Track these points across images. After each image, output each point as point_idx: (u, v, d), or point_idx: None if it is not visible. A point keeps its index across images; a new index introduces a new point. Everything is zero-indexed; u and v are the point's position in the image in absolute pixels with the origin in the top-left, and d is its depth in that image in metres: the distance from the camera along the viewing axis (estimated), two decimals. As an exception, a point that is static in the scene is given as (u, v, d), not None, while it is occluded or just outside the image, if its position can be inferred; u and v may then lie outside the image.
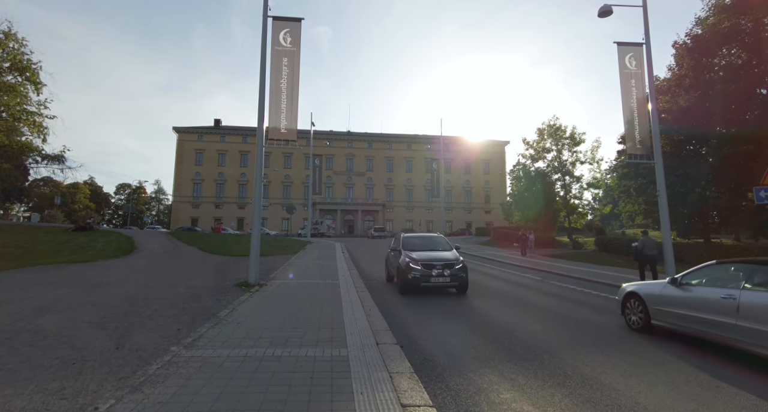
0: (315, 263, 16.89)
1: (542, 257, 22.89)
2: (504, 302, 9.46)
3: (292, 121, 11.45)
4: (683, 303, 6.14)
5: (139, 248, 23.05)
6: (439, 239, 12.28)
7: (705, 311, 5.70)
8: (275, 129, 11.34)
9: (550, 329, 6.94)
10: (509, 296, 10.37)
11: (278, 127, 11.36)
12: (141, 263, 15.89)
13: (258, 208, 11.07)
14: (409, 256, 10.39)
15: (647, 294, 6.85)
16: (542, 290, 11.75)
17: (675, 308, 6.25)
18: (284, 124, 11.39)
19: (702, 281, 6.15)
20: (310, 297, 8.97)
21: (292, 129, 11.42)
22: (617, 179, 33.21)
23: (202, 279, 11.63)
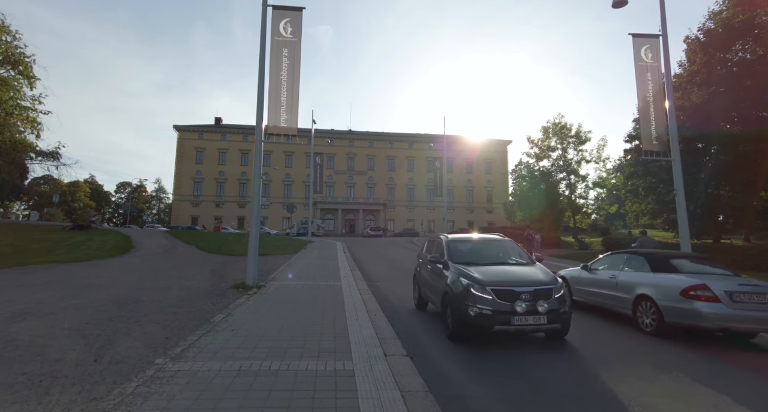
0: (316, 263, 16.37)
1: (548, 257, 22.31)
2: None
3: (292, 115, 10.92)
4: (588, 283, 8.42)
5: (136, 247, 22.53)
6: (507, 244, 8.11)
7: (600, 287, 8.01)
8: (275, 123, 10.81)
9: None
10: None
11: (278, 121, 10.83)
12: (136, 263, 15.38)
13: (256, 206, 10.55)
14: (466, 274, 6.21)
15: (570, 277, 9.19)
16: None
17: (584, 286, 8.53)
18: (284, 118, 10.86)
19: (601, 267, 8.38)
20: (311, 300, 8.44)
21: (292, 123, 10.89)
22: (623, 178, 32.67)
23: (198, 280, 11.11)
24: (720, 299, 6.03)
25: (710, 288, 6.12)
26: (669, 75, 11.70)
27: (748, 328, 6.28)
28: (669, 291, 6.54)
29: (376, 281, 12.48)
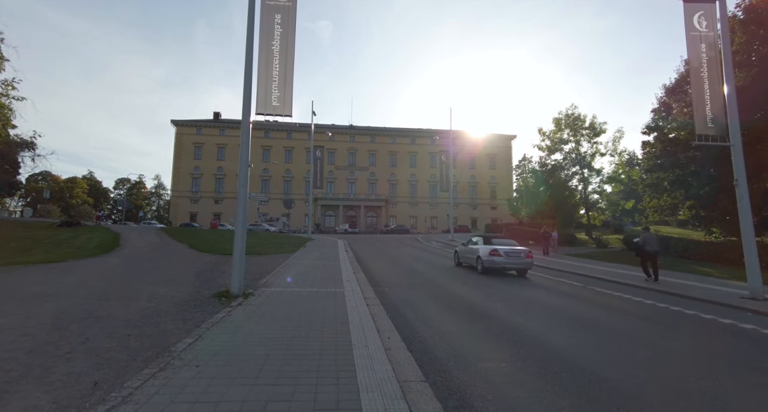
0: (315, 265, 14.76)
1: (567, 256, 20.71)
2: (566, 323, 7.32)
3: (286, 92, 9.27)
4: (464, 252, 15.40)
5: (122, 246, 20.95)
6: None
7: (468, 254, 14.90)
8: (266, 101, 9.17)
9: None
10: (563, 313, 8.22)
11: (269, 99, 9.19)
12: (114, 264, 13.78)
13: (243, 200, 8.92)
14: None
15: (458, 250, 16.25)
16: (592, 300, 9.60)
17: (463, 254, 15.43)
18: (276, 95, 9.21)
19: (468, 244, 15.17)
20: (307, 315, 6.82)
21: (286, 103, 9.25)
22: (641, 172, 30.93)
23: (177, 286, 9.50)
24: (503, 255, 13.13)
25: (499, 251, 13.22)
26: (728, 45, 9.99)
27: (513, 267, 13.41)
28: (485, 253, 13.47)
29: (384, 286, 10.86)
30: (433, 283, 11.54)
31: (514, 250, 13.63)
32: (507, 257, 13.29)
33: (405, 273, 14.00)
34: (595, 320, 7.45)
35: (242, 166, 8.90)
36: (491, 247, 13.70)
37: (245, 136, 8.92)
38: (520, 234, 34.48)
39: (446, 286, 11.11)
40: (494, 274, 13.57)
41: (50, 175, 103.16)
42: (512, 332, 6.40)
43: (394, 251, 24.29)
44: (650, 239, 12.39)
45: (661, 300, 9.64)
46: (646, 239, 12.36)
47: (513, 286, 11.50)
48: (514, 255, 13.43)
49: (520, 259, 13.51)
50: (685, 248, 18.30)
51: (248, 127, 8.92)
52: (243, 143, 8.91)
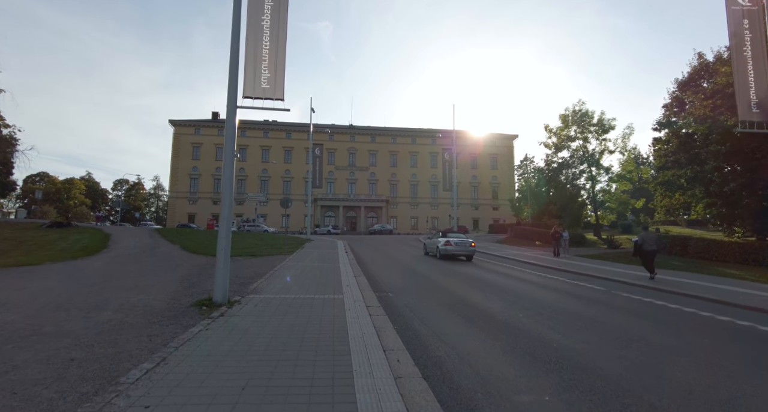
0: (312, 267, 13.67)
1: (579, 258, 19.61)
2: (609, 339, 6.24)
3: (277, 73, 8.19)
4: (429, 244, 20.31)
5: (110, 247, 19.89)
6: None
7: (431, 245, 19.85)
8: (254, 83, 8.09)
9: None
10: (599, 324, 7.14)
11: (258, 80, 8.11)
12: (94, 267, 12.69)
13: (228, 195, 7.84)
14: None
15: (425, 242, 21.27)
16: (626, 309, 8.51)
17: (428, 245, 20.27)
18: (266, 76, 8.13)
19: (436, 237, 19.59)
20: (299, 330, 5.74)
21: (277, 85, 8.16)
22: (652, 170, 29.88)
23: (155, 292, 8.42)
24: (452, 245, 17.68)
25: (450, 242, 17.77)
26: (775, 20, 8.92)
27: (462, 253, 17.92)
28: (442, 243, 17.71)
29: (388, 291, 9.78)
30: (443, 289, 10.44)
31: (462, 241, 18.54)
32: (456, 246, 18.24)
33: (410, 276, 12.92)
34: (641, 334, 6.36)
35: (227, 157, 7.82)
36: (446, 239, 18.56)
37: (230, 123, 7.84)
38: (526, 234, 33.39)
39: (458, 292, 10.01)
40: (495, 273, 12.50)
41: (48, 177, 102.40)
42: (546, 349, 5.31)
43: (397, 252, 23.20)
44: (648, 238, 12.48)
45: (703, 308, 8.56)
46: (644, 238, 12.49)
47: (535, 291, 10.42)
48: (461, 245, 18.36)
49: (466, 247, 18.35)
50: (705, 248, 17.20)
51: (234, 112, 7.85)
52: (228, 130, 7.83)
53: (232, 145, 7.85)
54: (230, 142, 7.83)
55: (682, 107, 25.09)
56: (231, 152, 7.85)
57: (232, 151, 7.87)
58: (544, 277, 13.34)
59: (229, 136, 7.83)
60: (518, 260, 18.60)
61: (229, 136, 7.83)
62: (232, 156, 7.87)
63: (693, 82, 25.14)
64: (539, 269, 15.54)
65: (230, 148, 7.83)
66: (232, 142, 7.84)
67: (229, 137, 7.83)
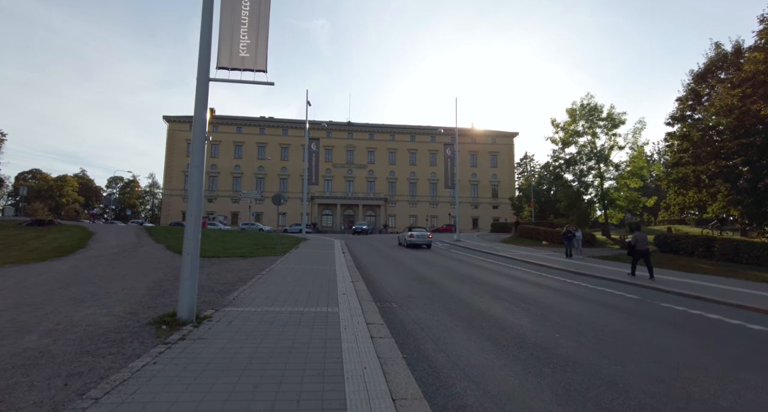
0: (305, 270, 12.27)
1: (593, 259, 18.25)
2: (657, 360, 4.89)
3: (259, 39, 6.77)
4: (402, 238, 26.91)
5: (87, 247, 18.43)
6: None
7: (403, 238, 26.63)
8: (231, 50, 6.67)
9: None
10: (662, 348, 5.77)
11: (235, 48, 6.69)
12: (56, 272, 11.24)
13: (197, 186, 6.43)
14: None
15: (399, 236, 29.07)
16: (689, 329, 7.14)
17: (401, 239, 27.52)
18: (245, 43, 6.71)
19: (405, 231, 27.95)
20: (278, 362, 4.34)
21: (258, 52, 6.74)
22: (665, 167, 28.56)
23: (112, 304, 7.01)
24: (414, 237, 25.10)
25: (413, 235, 25.27)
26: None
27: (421, 243, 25.23)
28: (408, 235, 25.35)
29: (391, 301, 8.39)
30: (455, 298, 9.04)
31: (422, 234, 25.68)
32: (417, 238, 25.26)
33: (414, 282, 11.52)
34: (725, 368, 4.99)
35: (196, 141, 6.41)
36: (410, 232, 25.70)
37: (201, 100, 6.42)
38: (531, 234, 32.04)
39: (474, 302, 8.61)
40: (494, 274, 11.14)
41: (40, 173, 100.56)
42: (613, 394, 3.93)
43: (396, 252, 21.82)
44: (641, 238, 12.89)
45: (751, 320, 7.21)
46: (637, 238, 12.89)
47: (561, 300, 9.05)
48: (420, 237, 25.39)
49: (424, 238, 25.45)
50: (734, 250, 15.85)
51: (205, 86, 6.42)
52: (197, 110, 6.40)
53: (203, 128, 6.44)
54: (200, 124, 6.41)
55: (699, 100, 23.77)
56: (201, 136, 6.44)
57: (202, 135, 6.45)
58: (563, 282, 11.96)
59: (199, 116, 6.41)
60: (529, 262, 17.22)
61: (199, 116, 6.41)
62: (202, 140, 6.46)
63: (710, 74, 23.81)
64: (555, 273, 14.16)
65: (200, 131, 6.41)
66: (203, 123, 6.43)
67: (198, 118, 6.41)
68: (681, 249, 18.12)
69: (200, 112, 6.41)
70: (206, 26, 6.45)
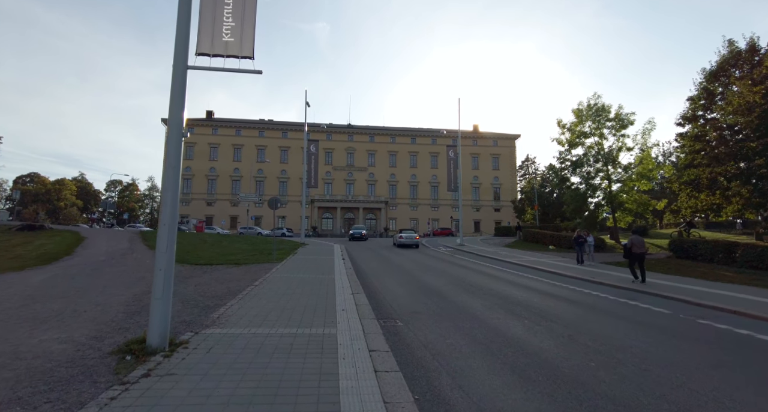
0: (303, 281, 11.38)
1: (606, 266, 17.33)
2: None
3: (245, 22, 5.91)
4: (395, 238, 31.72)
5: (74, 254, 17.58)
6: None
7: (396, 239, 31.29)
8: (213, 34, 5.82)
9: None
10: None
11: (217, 31, 5.83)
12: (28, 283, 10.35)
13: (172, 186, 5.55)
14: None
15: (394, 238, 32.63)
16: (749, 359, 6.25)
17: (394, 239, 31.71)
18: (230, 25, 5.85)
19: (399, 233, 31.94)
20: (261, 409, 3.46)
21: (243, 36, 5.87)
22: (675, 169, 27.71)
23: (77, 325, 6.13)
24: (403, 238, 29.58)
25: (402, 236, 29.83)
26: None
27: (409, 243, 29.18)
28: (398, 237, 30.20)
29: (396, 318, 7.51)
30: (468, 314, 8.14)
31: (410, 235, 29.86)
32: (405, 239, 29.28)
33: (419, 293, 10.63)
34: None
35: (171, 137, 5.54)
36: (400, 234, 30.14)
37: (177, 90, 5.56)
38: (536, 238, 31.12)
39: (489, 319, 7.71)
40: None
41: (38, 177, 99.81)
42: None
43: (399, 258, 20.93)
44: (638, 242, 12.87)
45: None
46: (633, 242, 12.88)
47: (586, 316, 8.16)
48: (409, 238, 29.48)
49: (411, 239, 29.41)
50: (759, 256, 14.91)
51: (183, 75, 5.57)
52: (174, 101, 5.54)
53: (180, 123, 5.57)
54: (176, 119, 5.54)
55: (712, 99, 22.91)
56: (178, 133, 5.57)
57: (179, 132, 5.58)
58: (581, 292, 11.06)
59: (176, 110, 5.55)
60: (539, 269, 16.31)
61: (175, 110, 5.55)
62: (179, 138, 5.59)
63: (723, 72, 22.97)
64: (569, 281, 13.25)
65: (176, 127, 5.54)
66: (180, 118, 5.56)
67: (174, 112, 5.54)
68: (699, 255, 17.20)
69: (177, 105, 5.55)
70: (184, 7, 5.60)
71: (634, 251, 12.67)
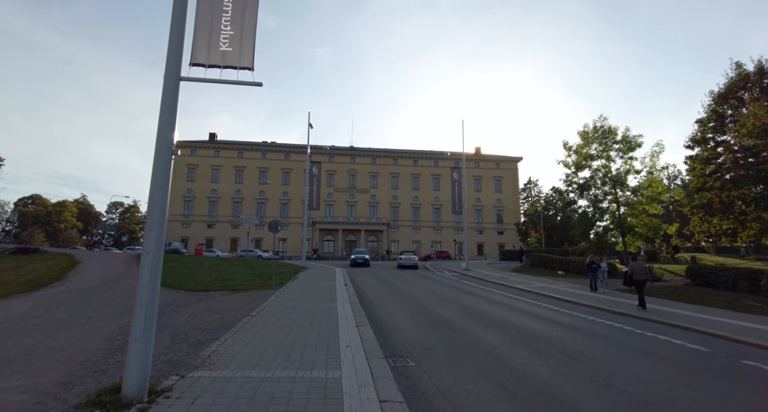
0: (301, 310, 10.61)
1: (622, 294, 16.46)
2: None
3: (244, 30, 5.42)
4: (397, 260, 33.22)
5: (67, 279, 16.86)
6: None
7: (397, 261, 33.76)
8: (209, 43, 5.31)
9: None
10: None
11: (214, 40, 5.33)
12: (7, 314, 9.59)
13: (158, 213, 4.93)
14: None
15: (397, 260, 34.60)
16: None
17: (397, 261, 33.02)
18: (228, 34, 5.36)
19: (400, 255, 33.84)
20: None
21: (243, 45, 5.37)
22: (685, 192, 27.09)
23: (47, 368, 5.40)
24: (403, 259, 31.32)
25: (402, 258, 31.83)
26: None
27: (408, 265, 30.95)
28: (398, 259, 32.07)
29: (406, 357, 6.75)
30: (488, 352, 7.36)
31: (408, 257, 31.81)
32: (405, 260, 31.29)
33: (429, 325, 9.85)
34: None
35: (160, 154, 4.95)
36: (400, 256, 32.18)
37: (168, 103, 5.01)
38: (544, 262, 30.25)
39: (512, 359, 6.93)
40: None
41: (40, 199, 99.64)
42: None
43: (403, 284, 20.10)
44: (638, 269, 12.75)
45: None
46: (634, 268, 12.75)
47: (631, 359, 7.38)
48: (407, 259, 31.40)
49: (410, 261, 31.30)
50: None
51: (175, 87, 5.03)
52: (163, 114, 4.99)
53: (170, 139, 5.00)
54: (166, 135, 4.97)
55: (722, 121, 22.53)
56: (167, 149, 4.98)
57: (169, 148, 5.00)
58: (603, 324, 10.25)
59: (166, 125, 4.98)
60: (553, 297, 15.47)
61: (165, 125, 4.98)
62: (169, 154, 5.00)
63: (732, 95, 22.69)
64: (588, 311, 12.41)
65: (165, 143, 4.96)
66: (170, 134, 4.99)
67: (164, 127, 4.97)
68: (720, 283, 16.36)
69: (167, 119, 4.99)
70: (179, 13, 5.12)
71: (635, 278, 12.58)
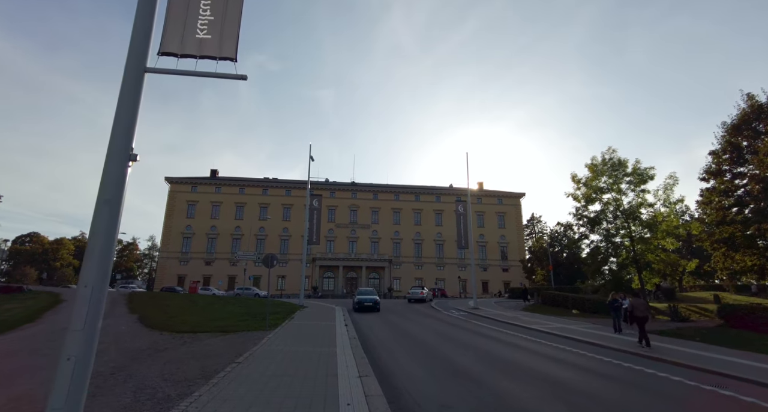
0: (295, 356, 9.20)
1: (651, 335, 14.93)
2: None
3: (227, 13, 4.52)
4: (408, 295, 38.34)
5: (41, 320, 15.51)
6: None
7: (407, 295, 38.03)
8: (184, 29, 4.39)
9: None
10: None
11: (189, 27, 4.41)
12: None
13: (102, 239, 3.83)
14: None
15: (407, 295, 38.37)
16: None
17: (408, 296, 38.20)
18: (207, 19, 4.45)
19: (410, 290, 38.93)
20: None
21: (224, 33, 4.44)
22: (704, 226, 25.90)
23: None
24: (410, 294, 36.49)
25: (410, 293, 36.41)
26: None
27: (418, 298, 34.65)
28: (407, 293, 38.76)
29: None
30: (519, 408, 5.99)
31: (415, 292, 35.68)
32: (412, 295, 35.25)
33: (445, 375, 8.43)
34: None
35: (112, 160, 3.92)
36: (410, 291, 36.53)
37: (129, 96, 4.03)
38: (556, 301, 28.60)
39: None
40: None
41: (37, 236, 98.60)
42: None
43: (409, 324, 18.56)
44: (639, 305, 12.72)
45: None
46: (635, 305, 12.76)
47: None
48: (416, 294, 35.09)
49: (416, 295, 34.82)
50: None
51: (139, 78, 4.08)
52: (121, 113, 3.99)
53: (128, 140, 3.98)
54: (123, 134, 3.95)
55: (740, 152, 21.77)
56: (123, 152, 3.95)
57: (126, 152, 3.96)
58: (645, 373, 8.82)
59: (123, 122, 3.97)
60: (575, 339, 13.94)
61: (122, 122, 3.97)
62: (124, 159, 3.96)
63: (746, 126, 22.09)
64: (621, 357, 10.91)
65: (122, 144, 3.93)
66: (128, 132, 3.98)
67: (121, 124, 3.96)
68: (760, 324, 14.88)
69: (125, 118, 4.00)
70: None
71: (636, 314, 12.48)
